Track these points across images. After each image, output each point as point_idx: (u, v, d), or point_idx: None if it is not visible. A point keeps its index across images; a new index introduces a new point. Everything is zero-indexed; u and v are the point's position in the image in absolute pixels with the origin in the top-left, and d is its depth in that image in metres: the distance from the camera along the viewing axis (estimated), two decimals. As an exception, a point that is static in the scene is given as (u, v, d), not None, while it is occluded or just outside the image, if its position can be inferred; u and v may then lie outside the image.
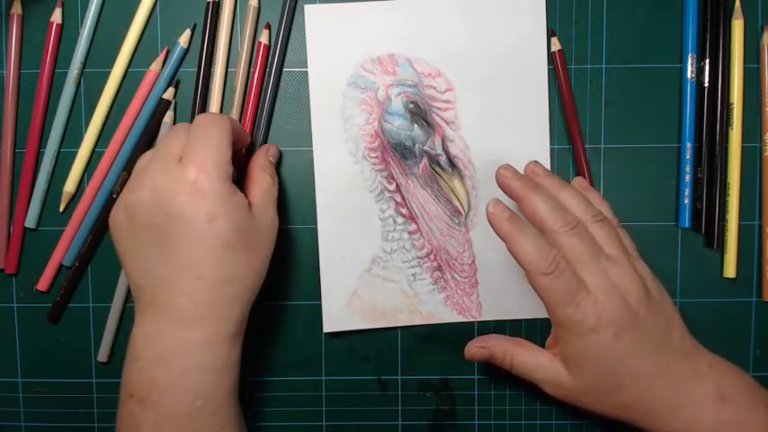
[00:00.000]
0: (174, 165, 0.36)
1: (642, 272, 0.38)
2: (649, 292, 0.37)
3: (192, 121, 0.45)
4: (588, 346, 0.36)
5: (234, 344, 0.37)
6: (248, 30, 0.44)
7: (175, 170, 0.35)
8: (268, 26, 0.45)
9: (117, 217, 0.37)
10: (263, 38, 0.44)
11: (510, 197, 0.39)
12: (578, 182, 0.42)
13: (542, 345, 0.40)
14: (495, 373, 0.46)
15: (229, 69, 0.45)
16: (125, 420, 0.36)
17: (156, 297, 0.36)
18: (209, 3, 0.44)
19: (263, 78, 0.45)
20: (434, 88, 0.45)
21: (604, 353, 0.36)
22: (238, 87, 0.44)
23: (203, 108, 0.45)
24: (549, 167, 0.45)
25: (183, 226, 0.35)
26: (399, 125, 0.45)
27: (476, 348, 0.41)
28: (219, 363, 0.36)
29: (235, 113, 0.44)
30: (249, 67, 0.45)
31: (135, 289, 0.37)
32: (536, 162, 0.41)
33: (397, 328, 0.46)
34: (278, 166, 0.45)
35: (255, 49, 0.44)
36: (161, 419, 0.35)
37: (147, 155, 0.39)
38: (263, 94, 0.45)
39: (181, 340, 0.35)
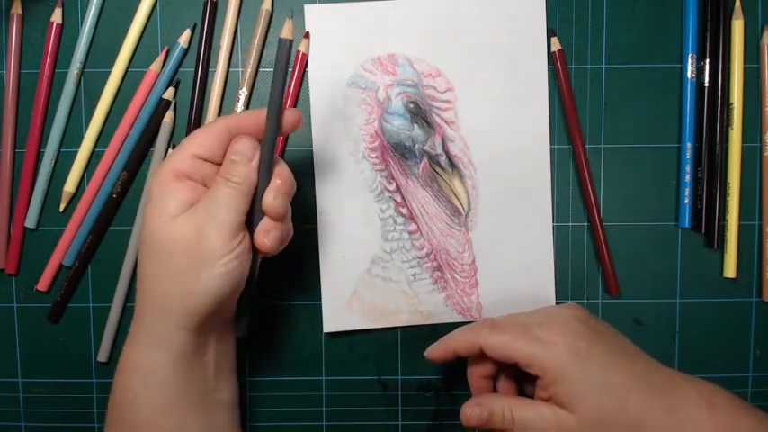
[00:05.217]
0: None
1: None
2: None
3: (189, 122, 0.46)
4: (573, 368, 0.36)
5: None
6: (259, 32, 0.44)
7: None
8: (307, 35, 0.44)
9: None
10: (302, 47, 0.44)
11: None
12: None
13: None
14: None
15: (231, 69, 0.45)
16: None
17: None
18: (206, 2, 0.44)
19: (299, 87, 0.45)
20: (434, 88, 0.45)
21: (590, 368, 0.37)
22: (244, 88, 0.45)
23: (202, 108, 0.45)
24: (549, 167, 0.45)
25: None
26: (399, 125, 0.45)
27: (473, 408, 0.38)
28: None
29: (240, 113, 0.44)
30: (257, 70, 0.45)
31: None
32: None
33: (397, 328, 0.46)
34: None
35: (259, 50, 0.45)
36: None
37: None
38: (298, 103, 0.45)
39: None
